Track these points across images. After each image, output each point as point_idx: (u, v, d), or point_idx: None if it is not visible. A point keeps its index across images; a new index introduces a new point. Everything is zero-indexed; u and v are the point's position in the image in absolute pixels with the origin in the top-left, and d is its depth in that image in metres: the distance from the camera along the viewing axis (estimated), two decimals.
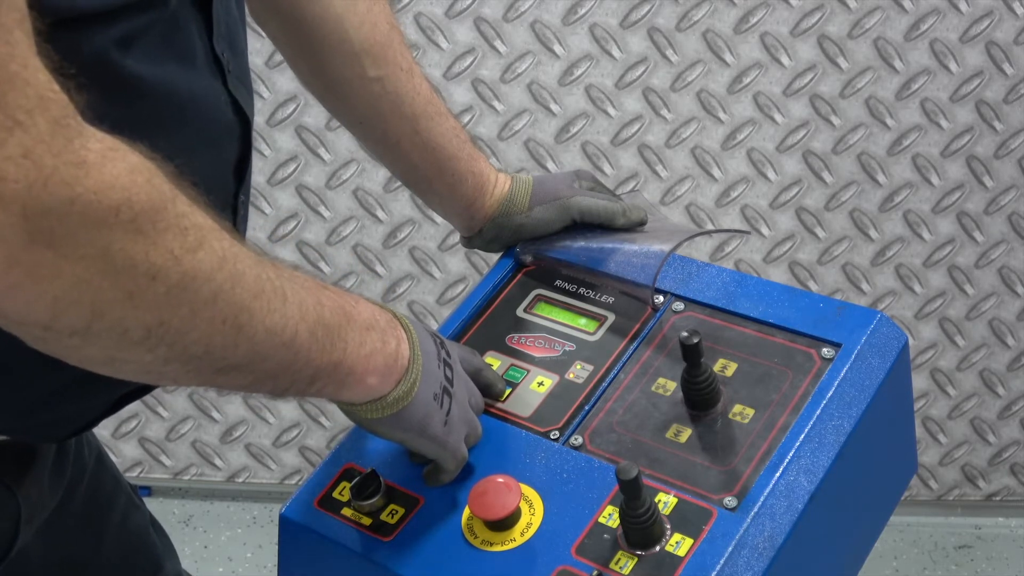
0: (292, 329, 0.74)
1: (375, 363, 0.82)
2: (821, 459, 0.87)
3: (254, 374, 0.74)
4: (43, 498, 0.94)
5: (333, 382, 0.80)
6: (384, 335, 0.83)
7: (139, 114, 0.76)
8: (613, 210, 1.07)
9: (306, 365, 0.76)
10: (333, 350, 0.78)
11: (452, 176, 1.09)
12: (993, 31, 1.92)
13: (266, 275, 0.72)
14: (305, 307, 0.75)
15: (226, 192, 0.89)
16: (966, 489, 2.25)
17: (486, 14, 1.92)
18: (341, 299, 0.81)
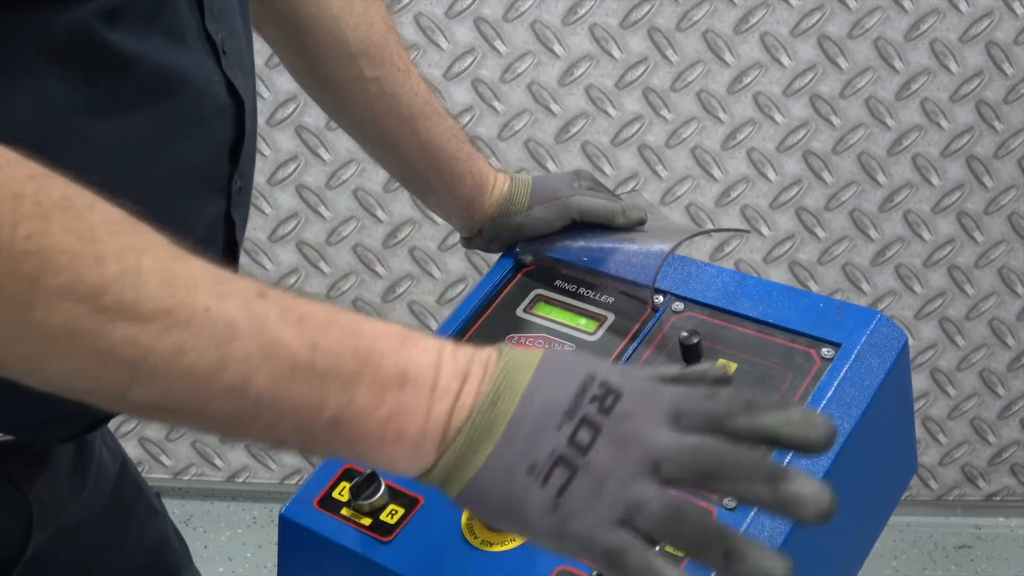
0: (238, 373, 0.60)
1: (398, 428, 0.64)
2: (821, 459, 0.87)
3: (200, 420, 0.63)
4: (60, 501, 0.93)
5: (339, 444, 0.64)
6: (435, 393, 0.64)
7: (121, 89, 0.75)
8: (613, 209, 1.07)
9: (282, 418, 0.62)
10: (324, 406, 0.62)
11: (451, 176, 1.09)
12: (993, 31, 1.92)
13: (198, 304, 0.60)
14: (277, 348, 0.61)
15: (219, 174, 0.87)
16: (966, 489, 2.25)
17: (486, 14, 1.92)
18: (369, 342, 0.64)
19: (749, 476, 0.62)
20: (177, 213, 0.84)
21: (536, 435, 0.64)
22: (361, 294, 2.12)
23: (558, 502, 0.63)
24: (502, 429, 0.64)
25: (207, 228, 0.88)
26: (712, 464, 0.63)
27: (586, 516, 0.63)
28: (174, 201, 0.83)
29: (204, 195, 0.87)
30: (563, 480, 0.63)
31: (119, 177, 0.77)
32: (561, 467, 0.63)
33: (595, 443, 0.64)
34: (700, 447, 0.63)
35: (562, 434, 0.64)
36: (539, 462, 0.64)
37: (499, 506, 0.65)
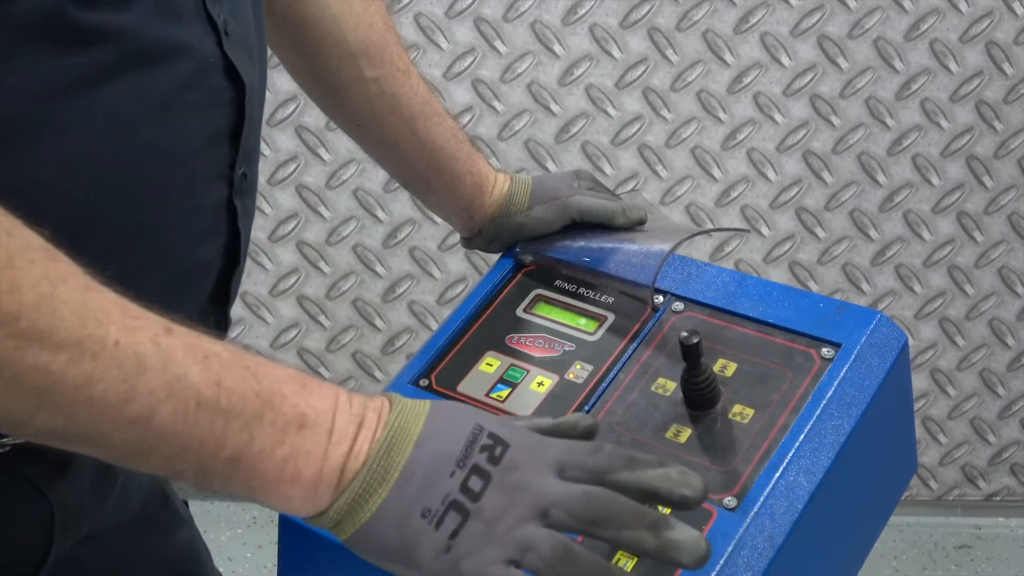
0: (143, 406, 0.62)
1: (295, 469, 0.66)
2: (821, 459, 0.87)
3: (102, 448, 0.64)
4: (83, 507, 0.92)
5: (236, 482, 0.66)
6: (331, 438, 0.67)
7: (100, 63, 0.74)
8: (613, 209, 1.07)
9: (180, 453, 0.64)
10: (225, 443, 0.64)
11: (451, 176, 1.09)
12: (993, 31, 1.92)
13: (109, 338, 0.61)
14: (182, 384, 0.63)
15: (219, 160, 0.86)
16: (966, 489, 2.25)
17: (486, 14, 1.92)
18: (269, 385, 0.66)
19: (634, 524, 0.67)
20: (178, 196, 0.83)
21: (429, 481, 0.67)
22: (361, 294, 2.12)
23: (450, 544, 0.67)
24: (396, 475, 0.67)
25: (208, 217, 0.87)
26: (600, 512, 0.67)
27: (477, 556, 0.67)
28: (172, 185, 0.82)
29: (203, 181, 0.85)
30: (456, 524, 0.67)
31: (110, 157, 0.76)
32: (454, 512, 0.67)
33: (486, 490, 0.67)
34: (590, 495, 0.67)
35: (455, 481, 0.67)
36: (433, 507, 0.67)
37: (392, 549, 0.67)
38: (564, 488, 0.68)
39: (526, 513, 0.68)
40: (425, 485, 0.68)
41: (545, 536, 0.67)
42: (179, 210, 0.82)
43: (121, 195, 0.71)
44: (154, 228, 0.80)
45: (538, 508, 0.68)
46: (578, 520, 0.67)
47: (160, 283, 0.70)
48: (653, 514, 0.67)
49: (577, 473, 0.69)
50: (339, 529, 0.69)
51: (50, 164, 0.68)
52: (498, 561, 0.67)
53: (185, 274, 0.85)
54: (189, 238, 0.85)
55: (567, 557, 0.67)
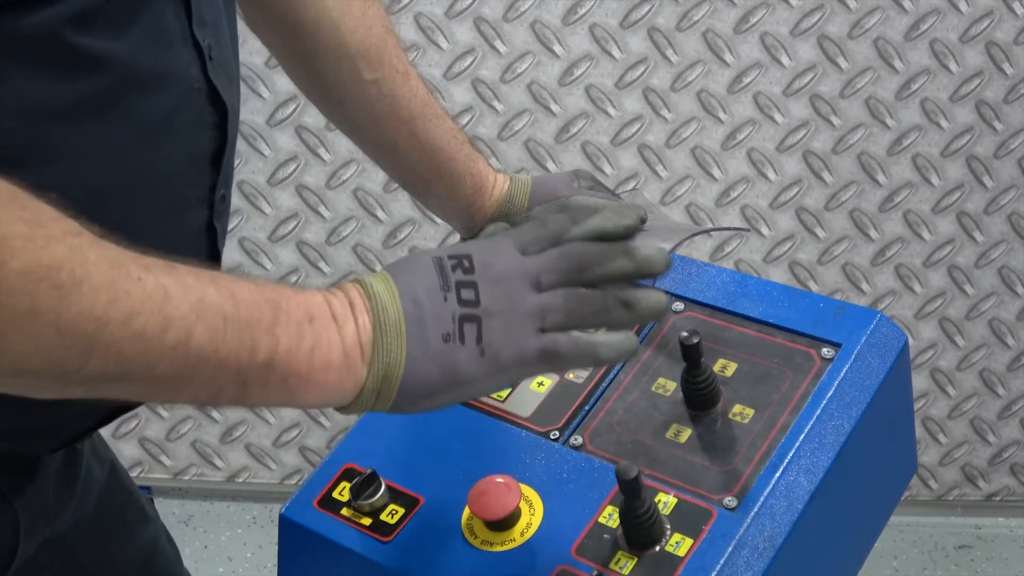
0: (181, 331, 0.66)
1: (324, 358, 0.72)
2: (821, 459, 0.87)
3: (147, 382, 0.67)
4: (48, 510, 0.93)
5: (273, 387, 0.71)
6: (338, 322, 0.73)
7: (94, 90, 0.75)
8: None
9: (220, 369, 0.68)
10: (257, 349, 0.69)
11: (451, 177, 1.09)
12: (993, 31, 1.92)
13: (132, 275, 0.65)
14: (205, 304, 0.67)
15: (201, 183, 0.87)
16: (966, 489, 2.25)
17: (486, 14, 1.92)
18: (270, 293, 0.72)
19: (610, 257, 0.77)
20: (160, 222, 0.84)
21: (433, 313, 0.74)
22: None
23: (482, 347, 0.74)
24: (404, 326, 0.74)
25: (191, 238, 0.88)
26: (580, 259, 0.76)
27: (510, 343, 0.75)
28: (156, 210, 0.83)
29: (187, 204, 0.87)
30: (475, 330, 0.74)
31: (97, 182, 0.77)
32: (468, 323, 0.74)
33: (480, 293, 0.75)
34: (564, 251, 0.77)
35: (451, 302, 0.74)
36: (449, 329, 0.74)
37: (438, 380, 0.74)
38: (540, 257, 0.77)
39: (523, 290, 0.76)
40: (432, 319, 0.74)
41: (551, 295, 0.76)
42: (162, 233, 0.84)
43: (106, 220, 0.73)
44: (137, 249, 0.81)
45: (529, 282, 0.76)
46: (566, 274, 0.76)
47: None
48: (620, 244, 0.77)
49: (537, 246, 0.77)
50: (382, 399, 0.74)
51: (36, 188, 0.69)
52: (529, 335, 0.75)
53: None
54: (171, 259, 0.86)
55: (578, 300, 0.76)
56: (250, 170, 2.02)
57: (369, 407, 0.75)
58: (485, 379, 0.75)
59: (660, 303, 0.77)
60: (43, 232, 0.62)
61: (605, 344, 0.76)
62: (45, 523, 0.93)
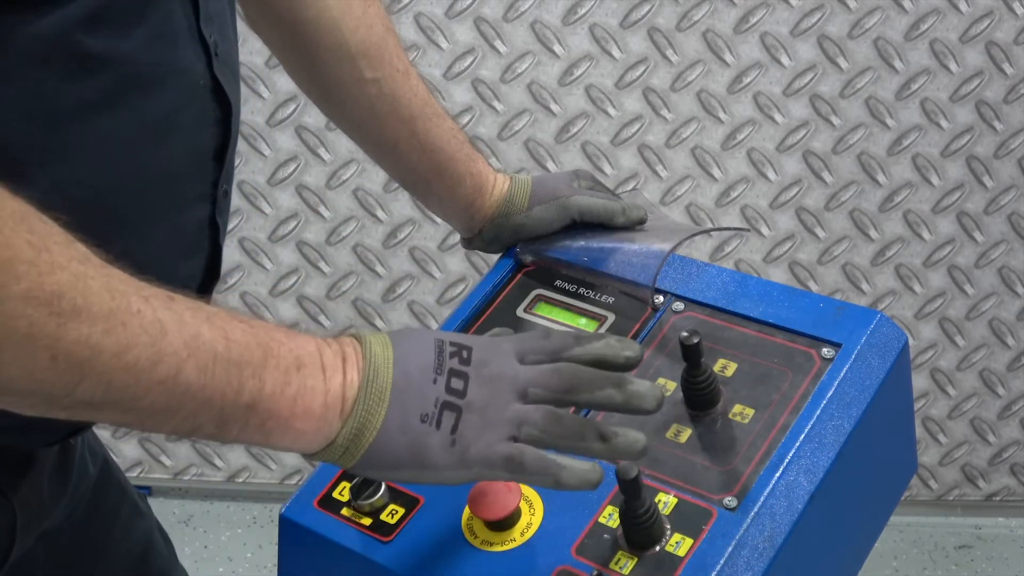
0: (171, 366, 0.67)
1: (305, 406, 0.72)
2: (821, 459, 0.87)
3: (131, 412, 0.68)
4: (43, 505, 0.93)
5: (251, 428, 0.71)
6: (326, 373, 0.74)
7: (102, 89, 0.76)
8: (612, 209, 1.07)
9: (204, 406, 0.69)
10: (242, 390, 0.70)
11: (451, 177, 1.09)
12: (993, 31, 1.92)
13: (132, 307, 0.66)
14: (199, 343, 0.68)
15: (205, 178, 0.88)
16: (966, 489, 2.25)
17: (486, 14, 1.92)
18: (263, 335, 0.72)
19: (601, 386, 0.77)
20: (164, 218, 0.84)
21: (419, 392, 0.75)
22: (361, 294, 2.12)
23: (454, 438, 0.75)
24: (389, 393, 0.74)
25: (193, 234, 0.89)
26: (571, 381, 0.77)
27: (481, 440, 0.75)
28: (160, 205, 0.84)
29: (190, 200, 0.87)
30: (453, 420, 0.75)
31: (103, 179, 0.78)
32: (448, 410, 0.75)
33: (468, 386, 0.76)
34: (559, 369, 0.78)
35: (439, 386, 0.75)
36: (428, 411, 0.74)
37: (403, 457, 0.75)
38: (533, 369, 0.78)
39: (509, 396, 0.76)
40: (417, 396, 0.75)
41: (533, 408, 0.76)
42: (166, 229, 0.84)
43: (112, 216, 0.73)
44: (142, 247, 0.82)
45: (517, 390, 0.77)
46: (554, 392, 0.77)
47: None
48: (614, 375, 0.78)
49: (536, 357, 0.79)
50: (347, 455, 0.75)
51: (43, 187, 0.70)
52: (500, 440, 0.76)
53: (169, 289, 0.86)
54: (174, 255, 0.87)
55: (556, 420, 0.76)
56: (250, 170, 2.02)
57: (334, 460, 0.76)
58: (449, 469, 0.76)
59: (636, 444, 0.76)
60: (48, 258, 0.63)
61: (569, 470, 0.76)
62: (40, 518, 0.93)
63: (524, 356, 0.79)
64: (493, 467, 0.76)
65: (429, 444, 0.75)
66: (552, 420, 0.76)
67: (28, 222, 0.63)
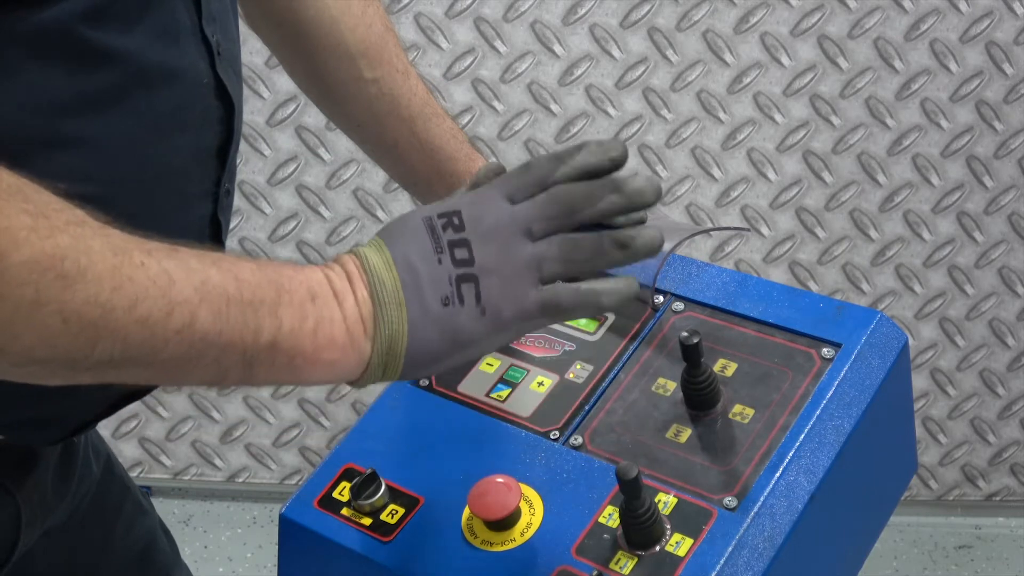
0: (185, 314, 0.66)
1: (327, 336, 0.72)
2: (821, 459, 0.87)
3: (153, 366, 0.68)
4: (47, 502, 0.93)
5: (279, 367, 0.71)
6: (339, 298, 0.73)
7: (105, 85, 0.76)
8: None
9: (225, 351, 0.69)
10: (261, 330, 0.69)
11: (451, 177, 1.09)
12: (993, 31, 1.92)
13: (135, 261, 0.66)
14: (208, 287, 0.68)
15: (207, 177, 0.88)
16: (966, 489, 2.25)
17: (486, 14, 1.92)
18: (272, 273, 0.72)
19: (599, 195, 0.75)
20: (166, 215, 0.85)
21: (429, 278, 0.73)
22: None
23: (482, 307, 0.73)
24: (402, 295, 0.73)
25: (196, 231, 0.89)
26: (569, 201, 0.75)
27: (509, 300, 0.74)
28: (163, 203, 0.84)
29: (192, 198, 0.87)
30: (474, 290, 0.74)
31: (106, 175, 0.78)
32: (465, 283, 0.74)
33: (473, 251, 0.74)
34: (552, 195, 0.75)
35: (446, 264, 0.74)
36: (446, 292, 0.73)
37: (441, 345, 0.74)
38: (528, 206, 0.75)
39: (516, 242, 0.75)
40: (429, 284, 0.73)
41: (546, 244, 0.75)
42: (169, 227, 0.84)
43: (115, 212, 0.73)
44: None
45: (521, 232, 0.75)
46: (557, 219, 0.75)
47: None
48: (608, 180, 0.76)
49: (525, 192, 0.76)
50: (390, 369, 0.74)
51: (46, 180, 0.70)
52: (528, 290, 0.74)
53: None
54: None
55: (574, 245, 0.75)
56: (250, 170, 2.02)
57: (379, 379, 0.75)
58: (488, 338, 0.75)
59: (654, 239, 0.76)
60: (46, 223, 0.63)
61: (606, 291, 0.75)
62: (44, 515, 0.93)
63: (513, 196, 0.76)
64: (532, 318, 0.75)
65: (460, 323, 0.73)
66: (569, 247, 0.75)
67: (23, 192, 0.63)
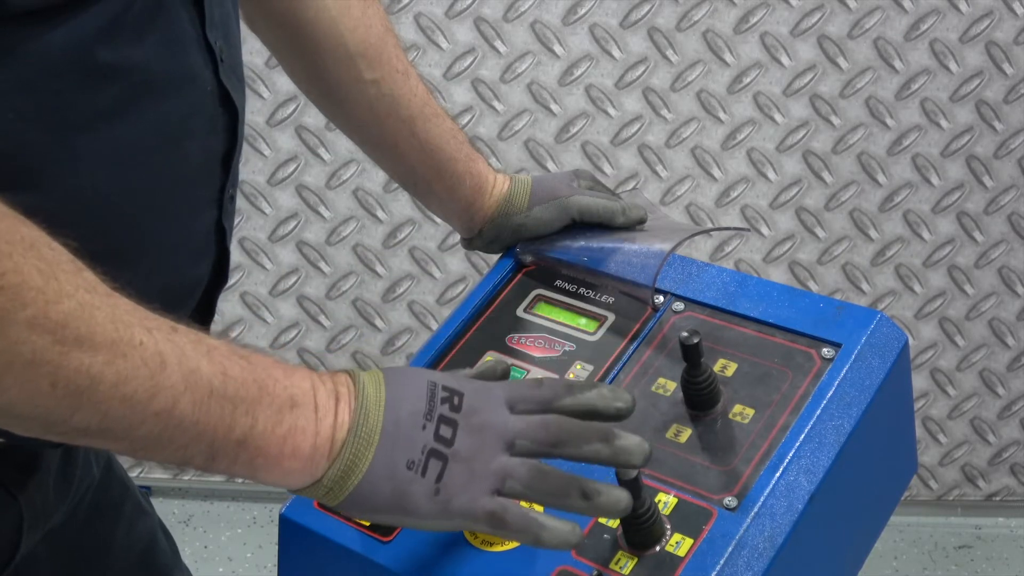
0: (168, 399, 0.67)
1: (294, 445, 0.73)
2: (821, 459, 0.87)
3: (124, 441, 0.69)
4: (48, 505, 0.93)
5: (240, 463, 0.72)
6: (318, 413, 0.74)
7: (114, 98, 0.76)
8: (612, 209, 1.07)
9: (196, 440, 0.70)
10: (234, 427, 0.70)
11: (451, 177, 1.09)
12: (993, 31, 1.92)
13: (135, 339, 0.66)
14: (196, 377, 0.69)
15: (213, 184, 0.88)
16: (966, 489, 2.25)
17: (486, 14, 1.92)
18: (260, 372, 0.72)
19: (590, 439, 0.76)
20: (174, 223, 0.85)
21: (407, 437, 0.75)
22: (361, 294, 2.12)
23: (438, 487, 0.75)
24: (378, 437, 0.74)
25: (202, 238, 0.89)
26: (559, 434, 0.76)
27: (465, 492, 0.75)
28: (171, 211, 0.84)
29: (199, 205, 0.88)
30: (439, 469, 0.75)
31: (115, 186, 0.78)
32: (434, 459, 0.75)
33: (456, 434, 0.75)
34: (547, 422, 0.77)
35: (427, 432, 0.75)
36: (415, 458, 0.74)
37: (386, 502, 0.75)
38: (522, 420, 0.77)
39: (496, 447, 0.76)
40: (405, 441, 0.74)
41: (519, 463, 0.76)
42: (176, 234, 0.85)
43: (124, 222, 0.73)
44: (153, 252, 0.83)
45: (504, 441, 0.76)
46: (541, 445, 0.76)
47: (154, 302, 0.73)
48: (603, 427, 0.77)
49: (527, 406, 0.78)
50: (331, 495, 0.75)
51: (58, 194, 0.70)
52: (484, 493, 0.75)
53: (177, 293, 0.88)
54: (184, 259, 0.87)
55: (541, 476, 0.76)
56: (250, 170, 2.02)
57: (317, 498, 0.76)
58: (431, 517, 0.76)
59: (619, 503, 0.76)
60: (56, 286, 0.63)
61: (549, 531, 0.75)
62: (46, 517, 0.93)
63: (514, 404, 0.78)
64: (475, 520, 0.76)
65: (413, 492, 0.75)
66: (537, 476, 0.76)
67: (38, 249, 0.64)
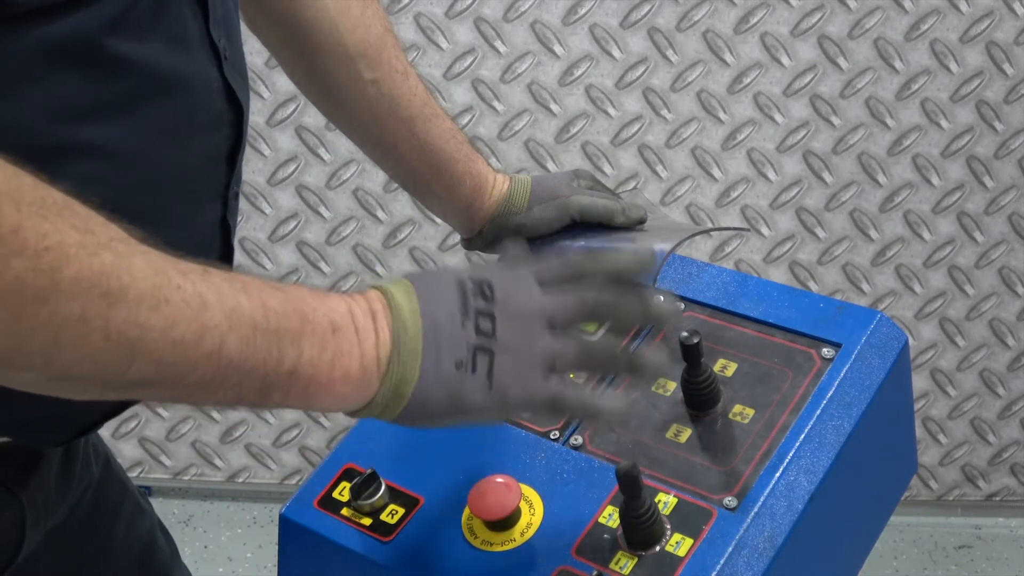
0: (215, 339, 0.68)
1: (343, 369, 0.73)
2: (821, 459, 0.87)
3: (179, 388, 0.69)
4: (49, 503, 0.93)
5: (293, 394, 0.73)
6: (359, 335, 0.74)
7: (120, 93, 0.77)
8: (612, 208, 1.07)
9: (247, 376, 0.70)
10: (283, 359, 0.71)
11: (451, 177, 1.09)
12: (993, 31, 1.92)
13: (173, 283, 0.66)
14: (238, 314, 0.69)
15: (217, 180, 0.89)
16: (966, 489, 2.25)
17: (486, 14, 1.92)
18: (297, 301, 0.73)
19: (624, 305, 0.79)
20: (179, 220, 0.85)
21: (449, 338, 0.75)
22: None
23: (491, 381, 0.75)
24: (421, 347, 0.74)
25: (206, 234, 0.89)
26: (595, 306, 0.78)
27: (518, 382, 0.76)
28: (176, 208, 0.84)
29: (204, 201, 0.88)
30: (488, 363, 0.75)
31: (121, 181, 0.78)
32: (481, 354, 0.75)
33: (496, 326, 0.76)
34: (582, 296, 0.78)
35: (468, 329, 0.75)
36: (462, 357, 0.75)
37: (443, 405, 0.75)
38: (559, 298, 0.78)
39: (537, 330, 0.77)
40: (448, 343, 0.75)
41: (563, 341, 0.77)
42: (181, 230, 0.85)
43: (128, 218, 0.73)
44: (157, 247, 0.82)
45: (544, 321, 0.77)
46: (581, 319, 0.78)
47: None
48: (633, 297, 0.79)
49: (557, 282, 0.79)
50: (388, 411, 0.75)
51: (63, 187, 0.70)
52: (537, 379, 0.76)
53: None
54: (188, 255, 0.87)
55: (588, 351, 0.78)
56: (250, 170, 2.02)
57: (375, 416, 0.76)
58: (488, 411, 0.76)
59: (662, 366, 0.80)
60: (93, 239, 0.64)
61: (607, 411, 0.78)
62: (47, 516, 0.93)
63: (545, 282, 0.79)
64: (535, 407, 0.77)
65: (467, 390, 0.75)
66: (584, 352, 0.78)
67: (71, 207, 0.64)
